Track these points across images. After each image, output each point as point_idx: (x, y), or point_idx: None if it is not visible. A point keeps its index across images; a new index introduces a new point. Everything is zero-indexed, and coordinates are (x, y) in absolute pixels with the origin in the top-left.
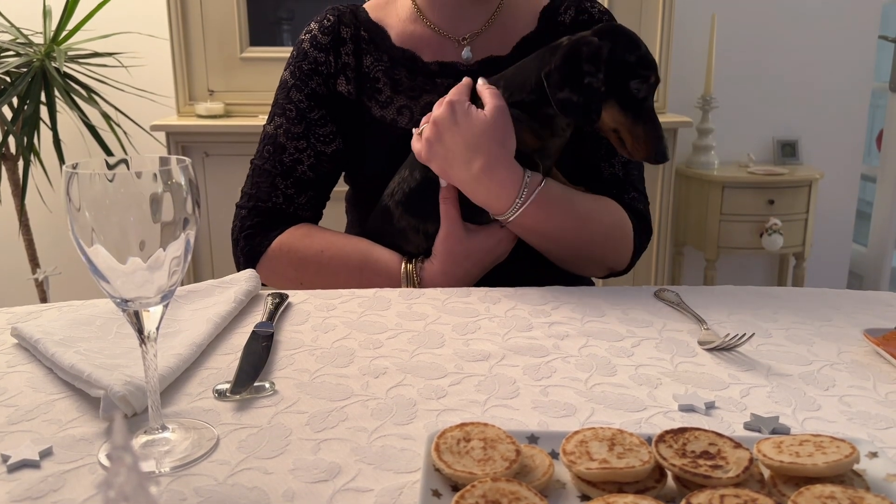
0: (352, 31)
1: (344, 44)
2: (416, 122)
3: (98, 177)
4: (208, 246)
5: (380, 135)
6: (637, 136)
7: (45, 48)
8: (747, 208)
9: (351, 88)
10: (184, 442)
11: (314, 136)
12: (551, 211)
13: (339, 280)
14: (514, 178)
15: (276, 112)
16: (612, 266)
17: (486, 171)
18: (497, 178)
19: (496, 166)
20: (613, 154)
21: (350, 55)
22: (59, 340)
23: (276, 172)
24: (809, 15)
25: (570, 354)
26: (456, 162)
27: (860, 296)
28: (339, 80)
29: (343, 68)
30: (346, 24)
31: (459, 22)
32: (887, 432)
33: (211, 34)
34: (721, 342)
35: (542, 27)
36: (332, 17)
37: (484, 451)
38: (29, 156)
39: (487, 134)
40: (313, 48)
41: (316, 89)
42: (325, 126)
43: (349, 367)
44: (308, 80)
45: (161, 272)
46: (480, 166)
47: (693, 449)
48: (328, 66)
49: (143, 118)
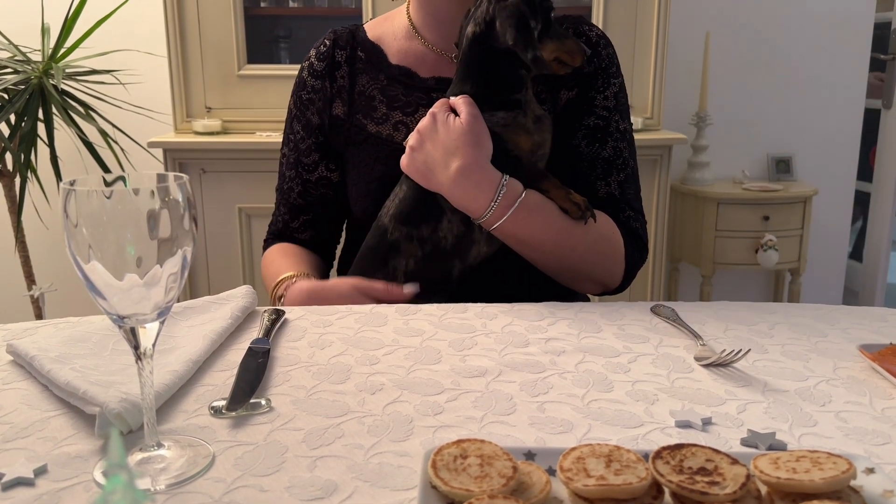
0: (347, 54)
1: (339, 67)
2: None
3: (95, 193)
4: (205, 262)
5: (375, 150)
6: (570, 51)
7: (43, 65)
8: (742, 224)
9: (346, 110)
10: (179, 459)
11: (301, 166)
12: (531, 217)
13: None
14: (491, 178)
15: (284, 140)
16: (603, 281)
17: (463, 172)
18: (473, 178)
19: (473, 166)
20: (609, 173)
21: (345, 77)
22: (54, 357)
23: (280, 199)
24: (802, 32)
25: (567, 370)
26: (436, 166)
27: (856, 311)
28: (336, 103)
29: (339, 91)
30: (341, 48)
31: (453, 39)
32: (884, 448)
33: (209, 52)
34: (717, 358)
35: None
36: (328, 42)
37: (481, 467)
38: (26, 172)
39: (464, 137)
40: (311, 76)
41: (311, 119)
42: (310, 155)
43: (345, 383)
44: (305, 109)
45: (158, 288)
46: (457, 167)
47: (690, 465)
48: (325, 92)
49: (140, 135)
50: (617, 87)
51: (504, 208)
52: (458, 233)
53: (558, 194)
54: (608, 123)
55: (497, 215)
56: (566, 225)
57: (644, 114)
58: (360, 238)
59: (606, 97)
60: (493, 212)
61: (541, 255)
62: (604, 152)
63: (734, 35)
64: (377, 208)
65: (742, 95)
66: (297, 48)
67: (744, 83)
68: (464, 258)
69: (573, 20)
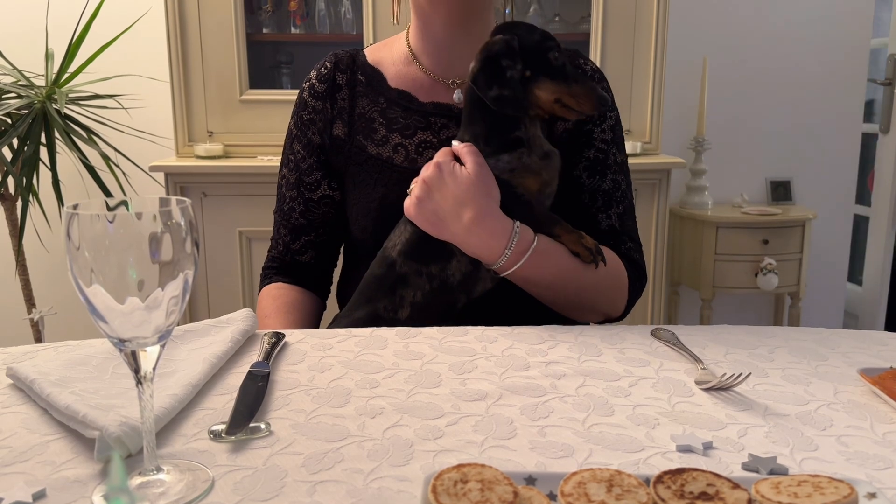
0: (348, 77)
1: (340, 90)
2: (411, 159)
3: (98, 217)
4: (205, 286)
5: (376, 171)
6: (576, 95)
7: (46, 90)
8: (742, 248)
9: (347, 131)
10: (178, 484)
11: (303, 185)
12: (543, 261)
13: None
14: (504, 227)
15: (283, 162)
16: (606, 312)
17: (477, 222)
18: (487, 227)
19: (486, 216)
20: (610, 206)
21: (345, 100)
22: (54, 381)
23: (280, 222)
24: (800, 57)
25: (568, 394)
26: (448, 217)
27: (856, 335)
28: (336, 124)
29: (339, 113)
30: (342, 71)
31: (450, 66)
32: (885, 472)
33: (211, 76)
34: (718, 382)
35: None
36: (329, 65)
37: (481, 492)
38: (27, 196)
39: (474, 188)
40: (311, 97)
41: (312, 138)
42: (312, 174)
43: (345, 407)
44: (307, 129)
45: (159, 312)
46: (471, 217)
47: (691, 490)
48: (325, 113)
49: (142, 159)
50: (613, 120)
51: (518, 255)
52: (465, 271)
53: (570, 239)
54: (607, 156)
55: (511, 262)
56: (576, 266)
57: (642, 138)
58: (357, 262)
59: (604, 130)
60: (506, 259)
61: (549, 293)
62: (604, 185)
63: (731, 59)
64: (375, 228)
65: (740, 120)
66: (298, 73)
67: (741, 107)
68: (469, 293)
69: (568, 54)
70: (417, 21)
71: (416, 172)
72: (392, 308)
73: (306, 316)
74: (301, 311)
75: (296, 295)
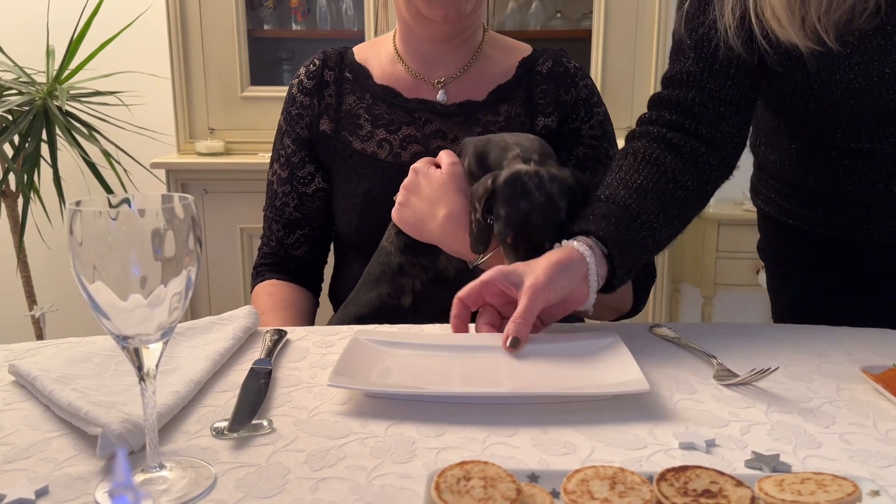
0: (335, 74)
1: (327, 86)
2: (395, 154)
3: (101, 214)
4: (206, 283)
5: (361, 166)
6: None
7: (47, 87)
8: (743, 245)
9: (333, 126)
10: (181, 481)
11: (296, 179)
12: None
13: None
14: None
15: (273, 158)
16: (616, 307)
17: (451, 219)
18: (462, 223)
19: (460, 212)
20: None
21: (332, 97)
22: (56, 378)
23: (272, 217)
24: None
25: None
26: (425, 217)
27: (857, 333)
28: (323, 119)
29: (326, 109)
30: (330, 68)
31: (433, 67)
32: (889, 470)
33: (212, 73)
34: (748, 377)
35: (519, 76)
36: (317, 62)
37: (484, 490)
38: (29, 193)
39: (446, 186)
40: (300, 93)
41: (300, 133)
42: (304, 168)
43: (347, 404)
44: (295, 125)
45: (161, 308)
46: (444, 215)
47: (695, 487)
48: (313, 109)
49: (143, 156)
50: (602, 116)
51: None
52: (459, 266)
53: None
54: (598, 151)
55: (495, 258)
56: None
57: None
58: (346, 259)
59: (592, 126)
60: (490, 255)
61: None
62: (597, 180)
63: None
64: (360, 222)
65: None
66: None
67: None
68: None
69: (553, 53)
70: (402, 30)
71: (400, 167)
72: (395, 294)
73: (302, 313)
74: (297, 307)
75: (291, 292)
